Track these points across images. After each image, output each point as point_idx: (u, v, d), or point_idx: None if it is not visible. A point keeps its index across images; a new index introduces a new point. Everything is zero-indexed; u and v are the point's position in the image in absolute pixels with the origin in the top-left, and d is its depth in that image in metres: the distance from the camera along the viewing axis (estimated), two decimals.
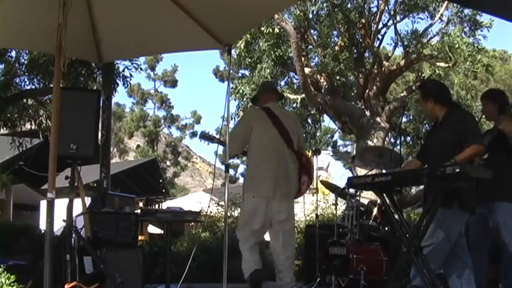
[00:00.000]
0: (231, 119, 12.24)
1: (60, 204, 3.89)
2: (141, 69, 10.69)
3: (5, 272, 4.50)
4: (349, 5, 12.69)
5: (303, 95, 12.91)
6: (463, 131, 4.05)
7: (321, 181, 7.86)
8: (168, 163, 41.99)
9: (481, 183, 3.75)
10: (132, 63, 9.75)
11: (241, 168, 43.03)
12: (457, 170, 3.38)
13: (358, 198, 6.23)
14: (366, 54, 13.57)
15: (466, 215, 4.12)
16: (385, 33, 13.45)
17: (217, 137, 5.20)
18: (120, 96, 68.02)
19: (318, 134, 16.59)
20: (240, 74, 14.67)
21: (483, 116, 5.19)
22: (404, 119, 14.86)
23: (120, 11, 4.56)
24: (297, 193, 5.12)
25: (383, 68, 12.65)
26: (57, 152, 3.58)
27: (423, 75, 13.85)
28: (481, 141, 4.13)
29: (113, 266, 5.21)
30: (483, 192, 4.11)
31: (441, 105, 4.28)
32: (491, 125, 4.94)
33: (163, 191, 22.66)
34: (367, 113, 12.60)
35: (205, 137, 5.17)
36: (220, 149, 5.81)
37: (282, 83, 14.48)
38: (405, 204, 11.90)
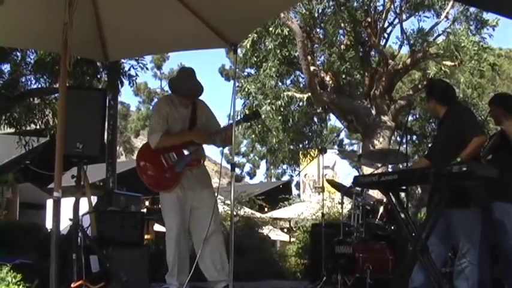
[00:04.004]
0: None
1: (67, 203, 3.89)
2: (147, 68, 10.67)
3: (11, 271, 4.48)
4: (355, 4, 12.65)
5: (309, 94, 12.89)
6: (462, 126, 4.12)
7: (327, 180, 7.86)
8: None
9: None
10: (138, 63, 9.75)
11: (247, 167, 43.05)
12: (464, 169, 3.37)
13: (364, 196, 6.22)
14: (372, 53, 13.53)
15: (480, 210, 4.16)
16: (391, 31, 13.46)
17: None
18: (127, 95, 68.04)
19: (324, 133, 16.56)
20: (245, 73, 14.68)
21: (488, 117, 5.24)
22: (410, 118, 14.85)
23: (126, 10, 4.57)
24: None
25: (389, 67, 12.61)
26: (63, 151, 3.59)
27: (429, 73, 13.81)
28: (482, 131, 4.17)
29: (118, 264, 5.20)
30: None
31: (442, 105, 4.38)
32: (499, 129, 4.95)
33: None
34: (373, 111, 12.57)
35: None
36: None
37: (288, 81, 14.51)
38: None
